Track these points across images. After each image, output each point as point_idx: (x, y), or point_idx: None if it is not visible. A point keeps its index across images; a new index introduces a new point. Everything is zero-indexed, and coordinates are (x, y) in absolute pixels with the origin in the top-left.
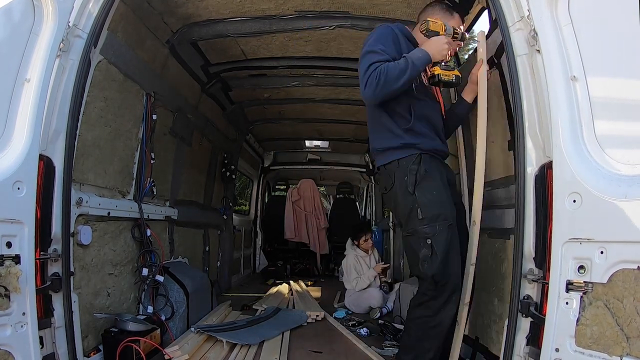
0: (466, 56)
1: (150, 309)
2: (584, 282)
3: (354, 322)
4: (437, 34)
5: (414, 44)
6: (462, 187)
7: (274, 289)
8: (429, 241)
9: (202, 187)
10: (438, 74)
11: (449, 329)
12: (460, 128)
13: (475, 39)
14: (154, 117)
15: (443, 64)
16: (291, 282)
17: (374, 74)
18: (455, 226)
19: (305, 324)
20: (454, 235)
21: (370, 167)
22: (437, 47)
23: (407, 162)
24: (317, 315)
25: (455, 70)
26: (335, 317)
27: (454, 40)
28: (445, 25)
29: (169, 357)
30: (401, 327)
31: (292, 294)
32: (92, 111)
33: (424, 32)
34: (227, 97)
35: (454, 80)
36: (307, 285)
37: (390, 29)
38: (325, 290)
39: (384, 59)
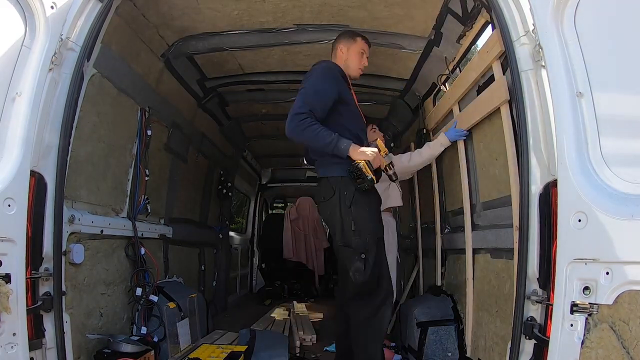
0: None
1: (144, 330)
2: (589, 303)
3: None
4: (375, 146)
5: (344, 77)
6: (464, 200)
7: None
8: (363, 255)
9: (197, 204)
10: (359, 164)
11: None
12: (462, 144)
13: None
14: (149, 132)
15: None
16: (295, 302)
17: (305, 122)
18: (383, 240)
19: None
20: (382, 248)
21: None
22: (360, 151)
23: (349, 179)
24: (309, 338)
25: (374, 176)
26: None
27: (383, 172)
28: (388, 154)
29: None
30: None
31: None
32: (85, 126)
33: (371, 143)
34: (224, 113)
35: (368, 179)
36: (305, 302)
37: (337, 69)
38: (324, 311)
39: (317, 111)
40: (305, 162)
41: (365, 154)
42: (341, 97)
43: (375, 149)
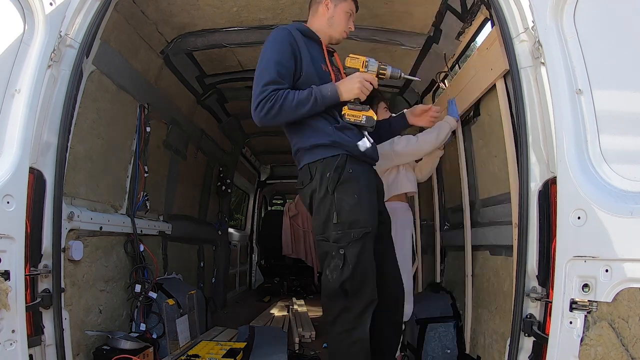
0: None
1: (143, 327)
2: (589, 301)
3: None
4: (356, 70)
5: (315, 39)
6: (463, 197)
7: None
8: (341, 251)
9: (196, 201)
10: (343, 114)
11: (379, 349)
12: (461, 140)
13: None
14: (148, 129)
15: (352, 101)
16: (293, 299)
17: (268, 98)
18: (373, 236)
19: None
20: (369, 244)
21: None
22: (348, 86)
23: (332, 160)
24: (309, 335)
25: (368, 110)
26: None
27: (380, 77)
28: (367, 61)
29: None
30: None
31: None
32: (84, 123)
33: (343, 69)
34: (223, 109)
35: (363, 122)
36: (304, 299)
37: (287, 31)
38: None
39: (278, 79)
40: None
41: (350, 88)
42: (299, 60)
43: (356, 74)
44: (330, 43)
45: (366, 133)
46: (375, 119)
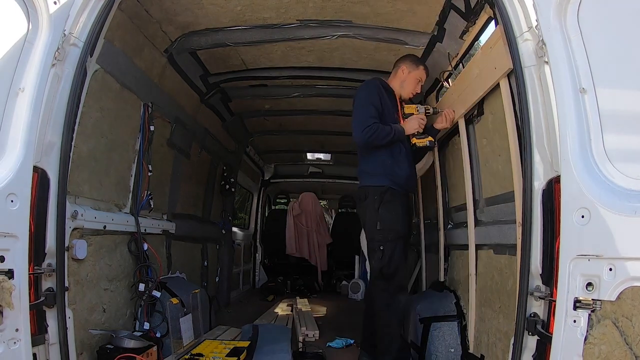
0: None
1: (146, 325)
2: (592, 299)
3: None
4: (411, 114)
5: (390, 92)
6: (467, 196)
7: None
8: (381, 247)
9: (200, 200)
10: (415, 143)
11: (402, 312)
12: (465, 139)
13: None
14: (152, 128)
15: (417, 134)
16: (297, 298)
17: (369, 128)
18: (403, 240)
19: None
20: (400, 245)
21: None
22: (410, 125)
23: (379, 189)
24: (312, 334)
25: (428, 137)
26: (329, 346)
27: (427, 115)
28: (417, 107)
29: None
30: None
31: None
32: (87, 122)
33: (402, 116)
34: (227, 108)
35: (428, 145)
36: (308, 298)
37: (375, 83)
38: (327, 307)
39: (375, 115)
40: None
41: (412, 126)
42: (383, 106)
43: (413, 116)
44: (400, 97)
45: (411, 167)
46: (435, 141)
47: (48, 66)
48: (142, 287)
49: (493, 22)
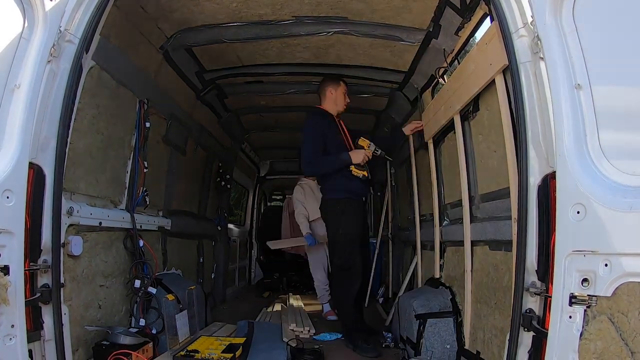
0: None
1: (142, 322)
2: (588, 295)
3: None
4: (362, 148)
5: (328, 116)
6: (463, 192)
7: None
8: (343, 247)
9: (196, 196)
10: (351, 171)
11: (356, 295)
12: (460, 135)
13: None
14: (147, 124)
15: (356, 165)
16: (289, 294)
17: (310, 163)
18: (357, 239)
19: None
20: (354, 243)
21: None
22: (356, 157)
23: (339, 201)
24: (307, 330)
25: (364, 171)
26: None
27: (374, 155)
28: (369, 144)
29: None
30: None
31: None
32: (83, 118)
33: (352, 143)
34: (223, 105)
35: (360, 177)
36: (302, 294)
37: (316, 118)
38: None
39: (317, 150)
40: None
41: (357, 158)
42: (325, 135)
43: (362, 150)
44: (338, 114)
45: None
46: (368, 176)
47: (44, 63)
48: (137, 283)
49: (488, 19)
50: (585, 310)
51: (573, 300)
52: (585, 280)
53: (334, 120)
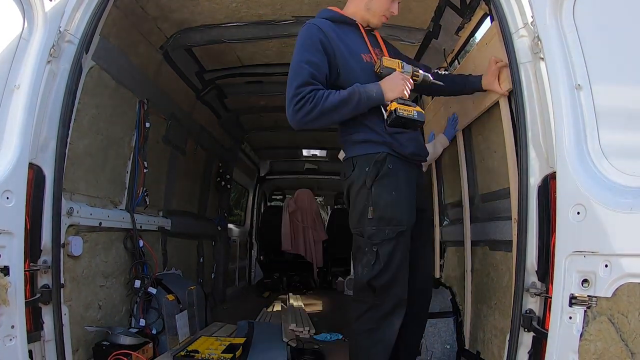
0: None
1: (142, 322)
2: (588, 296)
3: None
4: (392, 70)
5: (350, 24)
6: (463, 193)
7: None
8: (374, 248)
9: (196, 196)
10: (396, 109)
11: (395, 345)
12: (461, 137)
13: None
14: (147, 124)
15: (399, 99)
16: (289, 294)
17: (307, 99)
18: (409, 234)
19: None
20: (404, 243)
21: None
22: (392, 85)
23: (373, 156)
24: (307, 330)
25: (417, 106)
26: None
27: (414, 80)
28: (402, 63)
29: None
30: None
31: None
32: (83, 119)
33: (377, 71)
34: (223, 105)
35: (415, 117)
36: (303, 295)
37: (315, 27)
38: (323, 303)
39: (312, 78)
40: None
41: (395, 87)
42: (334, 54)
43: (396, 74)
44: (367, 27)
45: (416, 131)
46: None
47: (43, 63)
48: (137, 283)
49: (489, 19)
50: (585, 311)
51: (573, 300)
52: (585, 281)
53: (359, 30)
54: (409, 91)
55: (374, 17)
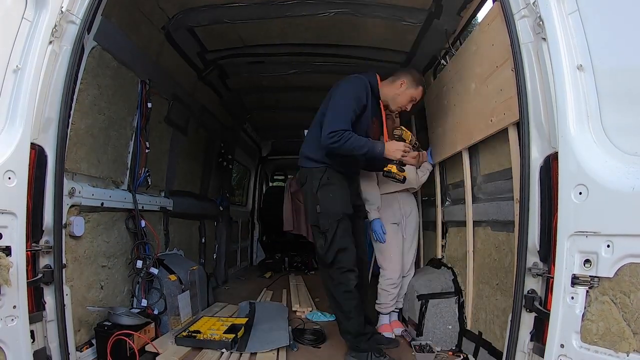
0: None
1: (144, 302)
2: (590, 276)
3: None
4: (403, 141)
5: (377, 96)
6: (465, 173)
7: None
8: (324, 232)
9: (198, 177)
10: (391, 171)
11: (358, 293)
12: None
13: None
14: (149, 105)
15: (397, 163)
16: (291, 274)
17: (340, 135)
18: (347, 220)
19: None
20: (342, 228)
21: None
22: (394, 149)
23: (317, 171)
24: (305, 311)
25: (405, 172)
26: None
27: (412, 149)
28: (412, 137)
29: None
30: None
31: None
32: (85, 99)
33: (395, 137)
34: (224, 85)
35: (401, 180)
36: (304, 275)
37: (364, 83)
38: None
39: (350, 121)
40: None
41: (396, 152)
42: (362, 112)
43: (402, 144)
44: (386, 105)
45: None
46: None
47: (45, 43)
48: (139, 264)
49: None
50: (587, 291)
51: (575, 281)
52: (587, 261)
53: (380, 103)
54: (403, 159)
55: (393, 105)
